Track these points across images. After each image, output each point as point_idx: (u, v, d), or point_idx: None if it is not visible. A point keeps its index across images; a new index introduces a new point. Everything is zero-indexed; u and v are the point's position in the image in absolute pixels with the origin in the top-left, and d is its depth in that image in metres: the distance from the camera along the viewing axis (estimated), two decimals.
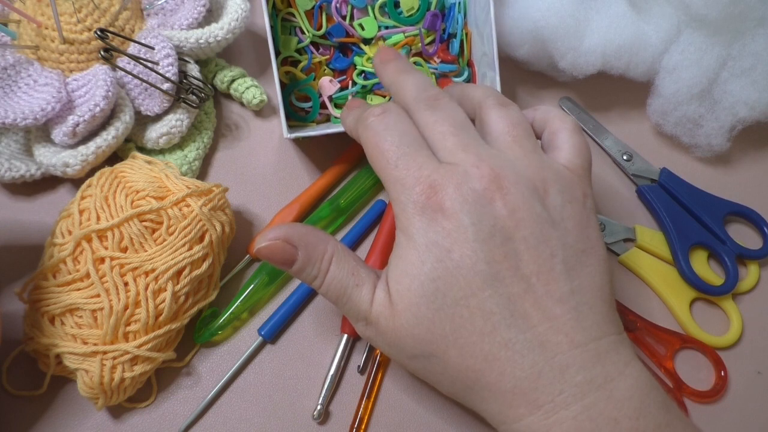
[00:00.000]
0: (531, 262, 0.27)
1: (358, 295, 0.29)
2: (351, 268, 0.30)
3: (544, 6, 0.41)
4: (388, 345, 0.29)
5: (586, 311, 0.27)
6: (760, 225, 0.42)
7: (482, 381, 0.27)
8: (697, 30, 0.41)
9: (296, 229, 0.30)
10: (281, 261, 0.30)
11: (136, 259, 0.32)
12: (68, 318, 0.32)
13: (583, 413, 0.26)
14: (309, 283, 0.30)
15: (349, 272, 0.29)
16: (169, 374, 0.36)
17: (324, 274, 0.29)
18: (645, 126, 0.45)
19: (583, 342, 0.26)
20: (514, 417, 0.27)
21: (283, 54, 0.41)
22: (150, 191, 0.34)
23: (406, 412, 0.36)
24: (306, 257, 0.29)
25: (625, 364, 0.27)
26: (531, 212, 0.27)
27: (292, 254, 0.29)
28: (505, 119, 0.30)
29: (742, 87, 0.41)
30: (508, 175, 0.28)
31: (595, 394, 0.26)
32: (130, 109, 0.38)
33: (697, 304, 0.40)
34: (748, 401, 0.37)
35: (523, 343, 0.26)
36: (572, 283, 0.27)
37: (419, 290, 0.27)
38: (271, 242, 0.29)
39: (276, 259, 0.30)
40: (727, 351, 0.39)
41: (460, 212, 0.27)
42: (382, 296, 0.28)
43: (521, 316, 0.26)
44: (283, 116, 0.37)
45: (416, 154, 0.28)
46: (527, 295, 0.27)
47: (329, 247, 0.30)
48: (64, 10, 0.37)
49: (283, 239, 0.29)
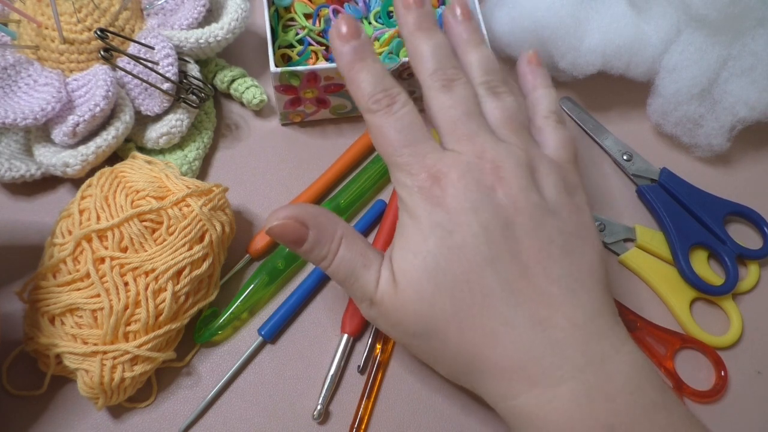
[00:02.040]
0: (529, 247, 0.28)
1: (365, 275, 0.29)
2: (360, 249, 0.30)
3: (544, 6, 0.41)
4: (391, 324, 0.29)
5: (582, 293, 0.28)
6: (760, 225, 0.42)
7: (481, 358, 0.27)
8: (698, 30, 0.41)
9: (307, 209, 0.30)
10: (292, 240, 0.30)
11: (136, 259, 0.32)
12: (68, 318, 0.32)
13: (579, 389, 0.26)
14: (317, 263, 0.30)
15: (358, 254, 0.30)
16: (169, 374, 0.36)
17: (333, 254, 0.30)
18: (645, 126, 0.45)
19: (580, 322, 0.27)
20: (513, 393, 0.27)
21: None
22: (150, 191, 0.34)
23: (406, 412, 0.36)
24: (316, 237, 0.30)
25: (622, 343, 0.28)
26: (530, 201, 0.28)
27: (303, 234, 0.30)
28: (500, 110, 0.31)
29: (743, 87, 0.41)
30: (508, 165, 0.29)
31: (592, 372, 0.26)
32: (130, 109, 0.38)
33: (697, 304, 0.40)
34: (748, 401, 0.37)
35: (521, 321, 0.27)
36: (569, 267, 0.28)
37: (421, 266, 0.28)
38: (283, 221, 0.29)
39: (287, 238, 0.30)
40: (727, 351, 0.39)
41: (463, 198, 0.28)
42: (387, 275, 0.29)
43: (520, 295, 0.27)
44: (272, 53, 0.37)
45: (422, 144, 0.29)
46: (526, 276, 0.27)
47: (339, 229, 0.30)
48: (64, 10, 0.37)
49: (294, 219, 0.29)
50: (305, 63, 0.42)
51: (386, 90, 0.30)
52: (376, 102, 0.30)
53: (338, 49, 0.31)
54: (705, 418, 0.37)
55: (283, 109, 0.41)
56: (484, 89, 0.32)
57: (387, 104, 0.30)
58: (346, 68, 0.31)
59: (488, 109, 0.31)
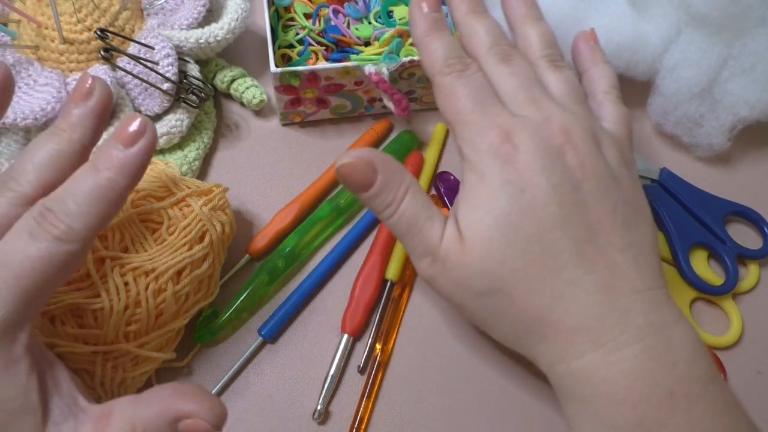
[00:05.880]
0: (596, 212, 0.28)
1: (429, 227, 0.29)
2: (425, 202, 0.30)
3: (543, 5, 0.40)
4: (455, 282, 0.29)
5: (643, 263, 0.28)
6: (760, 225, 0.42)
7: (547, 319, 0.28)
8: (698, 29, 0.41)
9: (377, 154, 0.30)
10: (360, 182, 0.29)
11: (136, 259, 0.32)
12: (68, 318, 0.32)
13: (643, 353, 0.27)
14: (380, 211, 0.30)
15: (423, 206, 0.30)
16: (169, 374, 0.36)
17: (399, 202, 0.29)
18: (645, 125, 0.45)
19: (642, 289, 0.28)
20: (576, 354, 0.27)
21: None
22: (150, 191, 0.34)
23: (406, 412, 0.36)
24: (384, 182, 0.29)
25: (678, 316, 0.28)
26: (597, 167, 0.29)
27: (371, 177, 0.29)
28: (564, 83, 0.32)
29: (743, 86, 0.41)
30: (576, 130, 0.29)
31: (655, 337, 0.27)
32: (130, 109, 0.38)
33: (697, 304, 0.40)
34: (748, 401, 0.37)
35: (589, 284, 0.27)
36: (630, 237, 0.29)
37: (493, 223, 0.28)
38: (354, 160, 0.29)
39: (355, 178, 0.29)
40: (727, 351, 0.39)
41: (533, 157, 0.28)
42: (452, 231, 0.29)
43: (587, 259, 0.28)
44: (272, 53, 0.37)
45: (491, 105, 0.30)
46: (592, 240, 0.28)
47: (407, 178, 0.30)
48: (64, 10, 0.37)
49: (366, 160, 0.29)
50: (305, 63, 0.42)
51: (460, 57, 0.31)
52: (450, 66, 0.31)
53: (416, 17, 0.32)
54: None
55: (283, 109, 0.41)
56: (546, 62, 0.33)
57: (460, 69, 0.31)
58: (423, 34, 0.32)
59: (550, 81, 0.32)
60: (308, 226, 0.39)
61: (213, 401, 0.25)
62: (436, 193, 0.42)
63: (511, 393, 0.36)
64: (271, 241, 0.39)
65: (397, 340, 0.38)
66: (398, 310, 0.38)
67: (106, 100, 0.28)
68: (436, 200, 0.41)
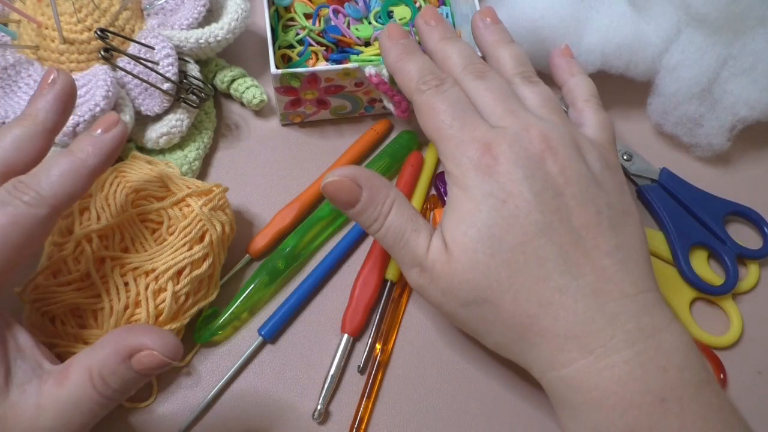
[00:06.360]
0: (580, 217, 0.28)
1: (415, 240, 0.30)
2: (410, 214, 0.30)
3: (543, 5, 0.41)
4: (442, 292, 0.29)
5: (632, 266, 0.28)
6: (760, 225, 0.42)
7: (535, 326, 0.28)
8: (698, 29, 0.41)
9: (362, 171, 0.31)
10: (345, 200, 0.30)
11: (136, 259, 0.32)
12: (68, 318, 0.32)
13: (634, 359, 0.26)
14: (368, 226, 0.31)
15: (408, 219, 0.30)
16: (169, 374, 0.36)
17: (384, 217, 0.30)
18: (645, 125, 0.45)
19: (631, 293, 0.28)
20: (565, 361, 0.27)
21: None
22: (150, 191, 0.34)
23: (406, 412, 0.36)
24: (369, 199, 0.30)
25: (670, 319, 0.28)
26: (579, 172, 0.29)
27: (356, 193, 0.30)
28: (538, 95, 0.32)
29: (743, 86, 0.41)
30: (555, 137, 0.30)
31: (645, 342, 0.27)
32: (130, 109, 0.38)
33: (697, 304, 0.40)
34: (748, 401, 0.37)
35: (576, 290, 0.27)
36: (617, 239, 0.29)
37: (476, 235, 0.28)
38: (338, 178, 0.30)
39: (341, 196, 0.30)
40: (727, 351, 0.39)
41: (514, 167, 0.28)
42: (438, 244, 0.29)
43: (573, 264, 0.28)
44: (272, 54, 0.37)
45: (471, 118, 0.30)
46: (578, 245, 0.28)
47: (392, 193, 0.31)
48: (64, 10, 0.37)
49: (350, 178, 0.30)
50: (305, 63, 0.42)
51: (434, 73, 0.32)
52: (426, 83, 0.31)
53: (386, 47, 0.34)
54: None
55: (283, 110, 0.41)
56: (520, 78, 0.33)
57: (436, 84, 0.31)
58: (395, 60, 0.33)
59: (526, 94, 0.32)
60: (308, 226, 0.39)
61: (164, 333, 0.25)
62: (436, 193, 0.42)
63: (511, 393, 0.36)
64: (271, 241, 0.39)
65: (397, 340, 0.38)
66: (398, 310, 0.38)
67: (67, 88, 0.29)
68: (435, 200, 0.41)
